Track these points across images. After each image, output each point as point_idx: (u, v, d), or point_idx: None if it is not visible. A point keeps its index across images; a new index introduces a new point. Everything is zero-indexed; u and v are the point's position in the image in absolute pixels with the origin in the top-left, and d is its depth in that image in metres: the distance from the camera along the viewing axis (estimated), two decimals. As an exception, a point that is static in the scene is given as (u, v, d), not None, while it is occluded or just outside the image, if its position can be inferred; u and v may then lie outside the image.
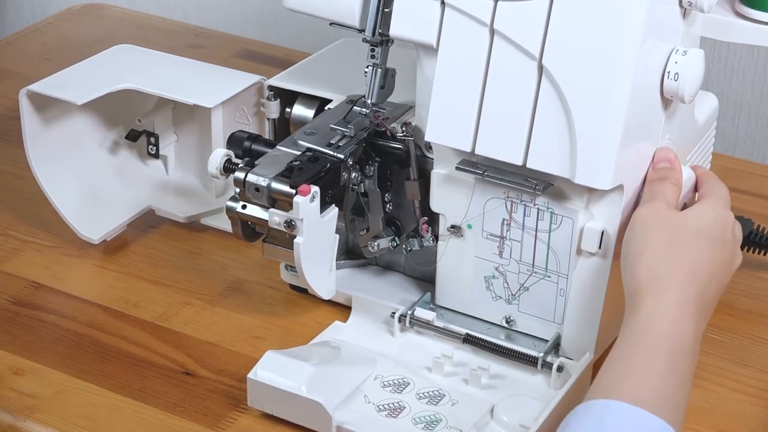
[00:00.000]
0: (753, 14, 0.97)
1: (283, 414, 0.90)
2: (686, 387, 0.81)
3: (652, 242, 0.87)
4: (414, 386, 0.94)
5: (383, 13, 0.95)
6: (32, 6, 1.87)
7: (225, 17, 1.68)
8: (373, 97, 0.99)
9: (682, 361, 0.81)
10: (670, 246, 0.86)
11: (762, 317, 1.03)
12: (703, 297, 0.85)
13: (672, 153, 0.93)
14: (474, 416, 0.91)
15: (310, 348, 0.96)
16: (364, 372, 0.94)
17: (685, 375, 0.81)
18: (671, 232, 0.87)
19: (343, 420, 0.89)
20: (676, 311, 0.83)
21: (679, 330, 0.82)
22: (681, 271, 0.85)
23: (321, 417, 0.88)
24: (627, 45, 0.86)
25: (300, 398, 0.89)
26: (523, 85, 0.89)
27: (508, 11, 0.89)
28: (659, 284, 0.84)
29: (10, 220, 1.16)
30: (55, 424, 0.92)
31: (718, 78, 1.39)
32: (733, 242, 0.90)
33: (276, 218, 0.92)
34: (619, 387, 0.79)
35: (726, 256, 0.89)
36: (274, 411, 0.91)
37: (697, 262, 0.86)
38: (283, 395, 0.89)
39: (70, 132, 1.12)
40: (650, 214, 0.88)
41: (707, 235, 0.88)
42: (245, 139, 1.01)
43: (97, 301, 1.05)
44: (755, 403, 0.94)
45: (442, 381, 0.95)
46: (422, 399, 0.93)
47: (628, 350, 0.81)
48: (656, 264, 0.85)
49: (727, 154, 1.34)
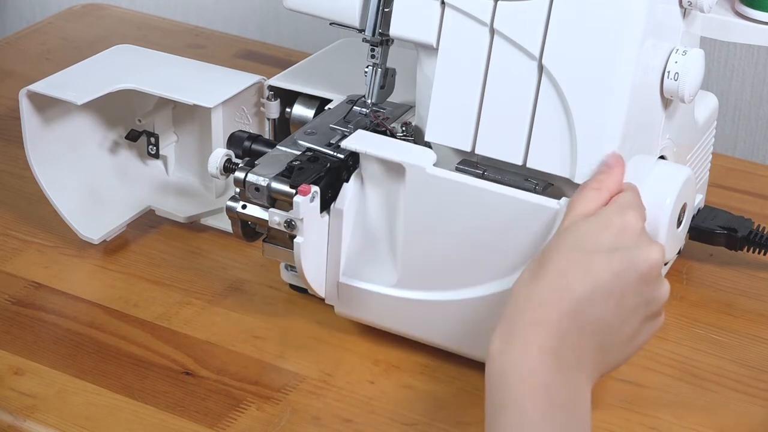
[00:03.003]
0: (753, 14, 0.97)
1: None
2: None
3: (522, 274, 0.80)
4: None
5: (383, 13, 0.95)
6: (32, 6, 1.87)
7: (225, 17, 1.68)
8: (373, 97, 0.99)
9: (549, 418, 0.72)
10: (532, 276, 0.78)
11: (762, 317, 1.03)
12: (571, 322, 0.76)
13: (616, 156, 0.86)
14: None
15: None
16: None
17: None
18: (539, 257, 0.79)
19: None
20: (522, 348, 0.75)
21: (533, 378, 0.74)
22: (533, 304, 0.77)
23: None
24: (627, 45, 0.86)
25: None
26: (523, 85, 0.89)
27: (508, 11, 0.89)
28: (508, 326, 0.77)
29: (10, 220, 1.16)
30: (55, 424, 0.92)
31: (718, 78, 1.39)
32: (633, 243, 0.80)
33: (276, 218, 0.92)
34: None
35: (620, 265, 0.79)
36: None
37: (562, 287, 0.77)
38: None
39: (70, 132, 1.12)
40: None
41: (583, 251, 0.79)
42: (245, 139, 1.01)
43: (97, 301, 1.05)
44: (755, 403, 0.94)
45: None
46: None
47: (489, 412, 0.75)
48: (512, 300, 0.78)
49: (727, 154, 1.34)
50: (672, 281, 1.04)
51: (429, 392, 0.95)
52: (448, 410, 0.93)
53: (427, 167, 0.92)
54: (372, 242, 0.96)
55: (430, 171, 0.92)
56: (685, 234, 1.00)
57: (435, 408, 0.94)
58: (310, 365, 0.98)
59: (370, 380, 0.96)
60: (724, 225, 1.04)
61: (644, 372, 0.96)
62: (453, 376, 0.96)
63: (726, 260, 1.09)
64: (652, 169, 0.94)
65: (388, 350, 0.99)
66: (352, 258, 0.96)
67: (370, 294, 0.96)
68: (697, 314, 1.03)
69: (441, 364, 0.97)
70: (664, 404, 0.94)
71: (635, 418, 0.92)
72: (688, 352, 0.99)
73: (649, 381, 0.96)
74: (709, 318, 1.03)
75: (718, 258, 1.09)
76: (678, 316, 1.02)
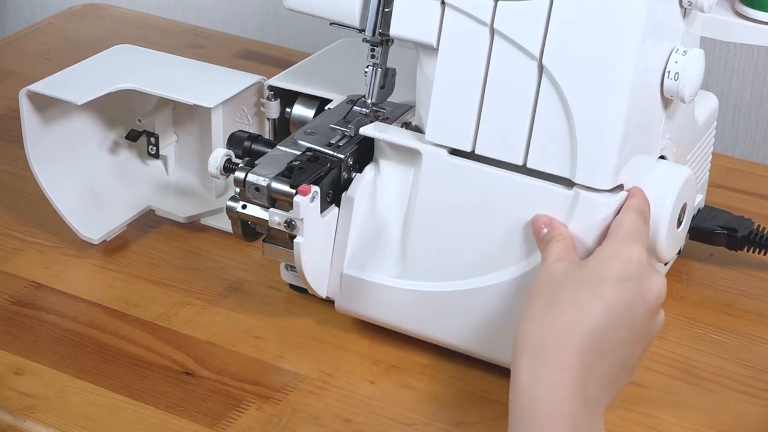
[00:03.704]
0: (753, 14, 0.97)
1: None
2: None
3: (530, 309, 0.81)
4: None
5: (383, 13, 0.95)
6: (32, 6, 1.87)
7: (225, 17, 1.68)
8: (373, 97, 0.99)
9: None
10: (546, 310, 0.81)
11: (762, 317, 1.03)
12: (593, 355, 0.79)
13: (545, 217, 0.89)
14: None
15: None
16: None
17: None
18: (549, 293, 0.82)
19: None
20: (551, 386, 0.77)
21: (562, 413, 0.76)
22: (556, 335, 0.79)
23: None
24: (627, 45, 0.86)
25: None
26: (523, 85, 0.89)
27: (508, 11, 0.89)
28: (533, 358, 0.78)
29: (10, 220, 1.16)
30: (55, 424, 0.92)
31: (718, 78, 1.39)
32: (640, 273, 0.83)
33: (276, 218, 0.92)
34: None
35: (631, 294, 0.82)
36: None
37: (578, 321, 0.79)
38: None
39: (70, 132, 1.12)
40: (534, 279, 0.84)
41: (594, 282, 0.81)
42: (245, 139, 1.01)
43: (97, 301, 1.05)
44: (755, 403, 0.94)
45: None
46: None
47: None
48: (530, 333, 0.80)
49: (727, 154, 1.34)
50: (672, 281, 1.05)
51: (429, 392, 0.95)
52: (448, 410, 0.93)
53: (443, 153, 0.92)
54: (380, 233, 0.97)
55: (447, 157, 0.92)
56: (685, 234, 1.00)
57: (435, 408, 0.94)
58: (310, 365, 0.98)
59: (370, 380, 0.96)
60: (724, 225, 1.04)
61: (644, 372, 0.96)
62: (453, 376, 0.96)
63: (726, 260, 1.09)
64: (652, 169, 0.94)
65: (388, 350, 0.99)
66: (358, 249, 0.97)
67: (374, 286, 0.96)
68: (697, 314, 1.03)
69: (441, 364, 0.97)
70: (664, 404, 0.94)
71: (635, 418, 0.92)
72: (688, 352, 0.99)
73: (649, 381, 0.96)
74: (709, 318, 1.03)
75: (718, 258, 1.09)
76: (678, 316, 1.02)
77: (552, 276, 0.84)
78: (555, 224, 0.89)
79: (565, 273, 0.83)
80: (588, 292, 0.81)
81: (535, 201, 0.90)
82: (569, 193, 0.89)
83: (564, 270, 0.84)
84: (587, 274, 0.83)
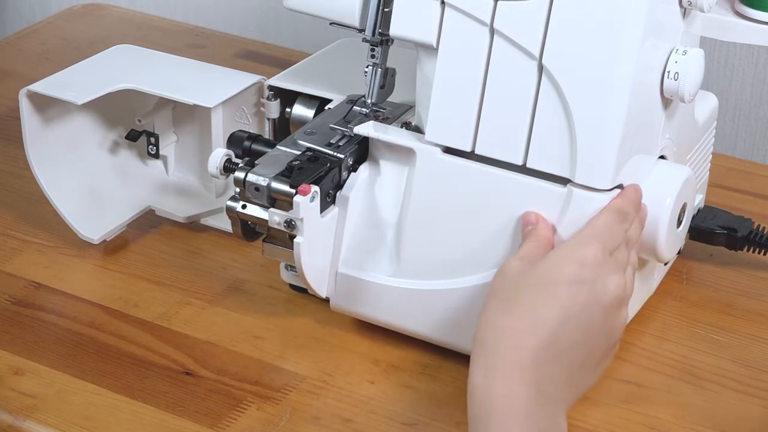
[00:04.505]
0: (753, 14, 0.97)
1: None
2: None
3: (485, 310, 0.82)
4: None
5: (383, 13, 0.95)
6: (32, 6, 1.87)
7: (225, 17, 1.68)
8: (373, 97, 0.99)
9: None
10: (501, 312, 0.81)
11: (762, 317, 1.03)
12: (548, 355, 0.79)
13: (533, 214, 0.89)
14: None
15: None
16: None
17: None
18: (503, 294, 0.82)
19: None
20: (504, 385, 0.78)
21: (518, 410, 0.77)
22: (509, 336, 0.79)
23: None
24: (627, 45, 0.86)
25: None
26: (523, 85, 0.89)
27: (508, 11, 0.89)
28: (487, 359, 0.79)
29: (10, 220, 1.16)
30: (55, 424, 0.92)
31: (718, 78, 1.39)
32: (595, 276, 0.82)
33: (276, 218, 0.92)
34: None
35: (585, 297, 0.82)
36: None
37: (531, 323, 0.80)
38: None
39: (70, 132, 1.12)
40: (492, 280, 0.85)
41: (548, 285, 0.81)
42: (245, 139, 1.01)
43: (97, 301, 1.05)
44: (755, 403, 0.94)
45: None
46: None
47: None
48: (484, 334, 0.80)
49: (727, 154, 1.34)
50: (672, 281, 1.05)
51: (429, 392, 0.95)
52: (448, 410, 0.93)
53: (437, 152, 0.92)
54: (375, 232, 0.97)
55: (441, 156, 0.92)
56: (685, 234, 1.00)
57: (435, 408, 0.94)
58: (310, 365, 0.98)
59: (370, 380, 0.96)
60: (724, 225, 1.04)
61: (644, 372, 0.96)
62: (453, 376, 0.96)
63: (726, 260, 1.09)
64: (652, 169, 0.94)
65: (388, 350, 0.99)
66: (353, 248, 0.97)
67: (369, 284, 0.96)
68: (697, 314, 1.03)
69: (441, 364, 0.97)
70: (664, 404, 0.94)
71: (635, 418, 0.92)
72: (688, 351, 0.99)
73: (649, 381, 0.96)
74: (709, 318, 1.03)
75: (718, 258, 1.09)
76: (678, 316, 1.02)
77: (506, 276, 0.84)
78: (539, 223, 0.89)
79: (520, 273, 0.83)
80: (542, 295, 0.81)
81: (530, 199, 0.90)
82: (563, 191, 0.89)
83: (518, 271, 0.84)
84: (540, 275, 0.83)
